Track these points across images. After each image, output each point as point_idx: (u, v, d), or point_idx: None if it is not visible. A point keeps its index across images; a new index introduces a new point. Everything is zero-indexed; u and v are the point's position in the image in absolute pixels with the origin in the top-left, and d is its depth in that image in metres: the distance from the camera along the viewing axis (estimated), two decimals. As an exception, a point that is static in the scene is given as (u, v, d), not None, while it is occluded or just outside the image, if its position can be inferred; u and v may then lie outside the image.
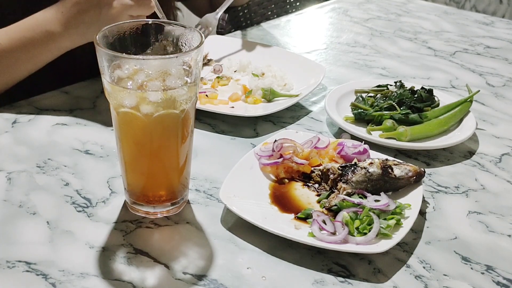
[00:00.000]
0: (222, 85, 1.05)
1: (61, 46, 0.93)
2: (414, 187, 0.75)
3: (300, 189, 0.76)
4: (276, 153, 0.79)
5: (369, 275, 0.63)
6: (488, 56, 1.33)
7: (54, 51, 0.93)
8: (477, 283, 0.63)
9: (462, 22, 1.58)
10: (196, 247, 0.66)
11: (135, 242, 0.66)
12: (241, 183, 0.74)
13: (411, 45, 1.38)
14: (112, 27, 0.66)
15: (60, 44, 0.92)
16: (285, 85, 1.04)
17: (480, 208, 0.77)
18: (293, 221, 0.69)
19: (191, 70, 0.65)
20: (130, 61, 0.65)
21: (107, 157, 0.82)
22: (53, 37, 0.91)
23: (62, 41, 0.92)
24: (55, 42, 0.92)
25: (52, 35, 0.91)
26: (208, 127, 0.92)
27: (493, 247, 0.70)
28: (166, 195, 0.70)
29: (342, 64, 1.24)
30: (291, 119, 0.97)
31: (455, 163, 0.87)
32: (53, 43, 0.92)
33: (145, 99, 0.63)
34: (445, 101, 0.99)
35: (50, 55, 0.94)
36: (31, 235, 0.66)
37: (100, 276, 0.61)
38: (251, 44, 1.21)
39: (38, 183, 0.75)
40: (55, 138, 0.86)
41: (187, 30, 0.68)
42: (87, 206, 0.72)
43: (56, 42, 0.92)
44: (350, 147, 0.81)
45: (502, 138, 0.96)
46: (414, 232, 0.71)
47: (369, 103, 0.97)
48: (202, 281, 0.61)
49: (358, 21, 1.55)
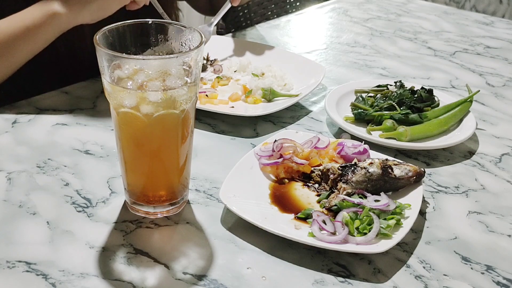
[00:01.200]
0: (222, 85, 1.05)
1: (61, 22, 0.92)
2: (414, 187, 0.75)
3: (300, 189, 0.76)
4: (276, 153, 0.79)
5: (369, 275, 0.63)
6: (488, 56, 1.33)
7: (54, 28, 0.92)
8: (477, 283, 0.63)
9: (462, 22, 1.58)
10: (196, 247, 0.66)
11: (135, 242, 0.66)
12: (241, 183, 0.74)
13: (411, 45, 1.38)
14: (112, 27, 0.66)
15: (59, 20, 0.92)
16: (285, 85, 1.04)
17: (480, 208, 0.77)
18: (293, 221, 0.69)
19: (191, 70, 0.65)
20: (130, 61, 0.65)
21: (107, 157, 0.82)
22: (51, 12, 0.91)
23: (61, 16, 0.91)
24: (54, 19, 0.91)
25: (50, 10, 0.91)
26: (208, 127, 0.92)
27: (493, 247, 0.70)
28: (166, 195, 0.70)
29: (342, 64, 1.24)
30: (291, 119, 0.97)
31: (455, 163, 0.87)
32: (52, 20, 0.91)
33: (145, 99, 0.63)
34: (445, 101, 0.99)
35: (51, 33, 0.93)
36: (31, 235, 0.66)
37: (100, 276, 0.61)
38: (251, 44, 1.21)
39: (38, 183, 0.75)
40: (55, 138, 0.86)
41: (187, 30, 0.68)
42: (87, 206, 0.72)
43: (55, 18, 0.91)
44: (350, 147, 0.81)
45: (502, 138, 0.96)
46: (414, 232, 0.71)
47: (369, 103, 0.97)
48: (202, 281, 0.61)
49: (358, 21, 1.55)
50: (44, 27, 0.91)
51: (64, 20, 0.92)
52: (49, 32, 0.93)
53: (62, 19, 0.92)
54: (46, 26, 0.91)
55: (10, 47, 0.91)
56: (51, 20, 0.91)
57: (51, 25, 0.92)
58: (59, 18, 0.91)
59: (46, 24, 0.91)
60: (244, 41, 1.26)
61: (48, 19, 0.91)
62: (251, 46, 1.20)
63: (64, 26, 0.93)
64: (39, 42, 0.93)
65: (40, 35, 0.92)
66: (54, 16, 0.91)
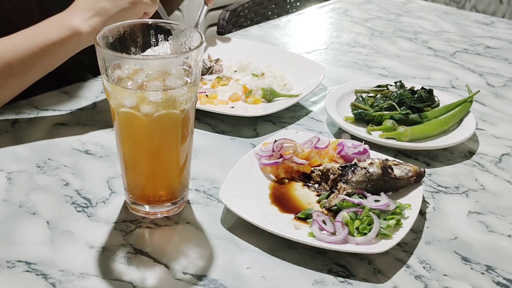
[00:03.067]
0: (222, 85, 1.05)
1: (81, 40, 0.86)
2: (414, 187, 0.75)
3: (300, 189, 0.76)
4: (276, 153, 0.79)
5: (369, 275, 0.63)
6: (488, 56, 1.33)
7: (74, 46, 0.87)
8: (477, 283, 0.63)
9: (462, 22, 1.58)
10: (196, 247, 0.66)
11: (135, 242, 0.66)
12: (241, 183, 0.74)
13: (411, 45, 1.38)
14: (112, 27, 0.66)
15: (80, 38, 0.86)
16: (285, 85, 1.04)
17: (480, 208, 0.77)
18: (293, 221, 0.69)
19: (191, 70, 0.65)
20: (130, 61, 0.65)
21: (107, 157, 0.82)
22: (72, 30, 0.85)
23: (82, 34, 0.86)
24: (74, 37, 0.86)
25: (71, 27, 0.85)
26: (208, 127, 0.92)
27: (493, 247, 0.70)
28: (166, 195, 0.70)
29: (342, 64, 1.24)
30: (291, 119, 0.97)
31: (455, 163, 0.87)
32: (73, 37, 0.86)
33: (145, 99, 0.63)
34: (445, 101, 0.99)
35: (69, 51, 0.88)
36: (31, 235, 0.66)
37: (100, 276, 0.61)
38: (251, 44, 1.21)
39: (38, 183, 0.75)
40: (55, 138, 0.86)
41: (187, 30, 0.68)
42: (87, 206, 0.72)
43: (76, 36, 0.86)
44: (350, 147, 0.81)
45: (502, 138, 0.96)
46: (414, 232, 0.71)
47: (369, 103, 0.97)
48: (202, 281, 0.61)
49: (358, 21, 1.55)
50: (64, 45, 0.86)
51: (85, 38, 0.86)
52: (67, 50, 0.88)
53: (82, 37, 0.86)
54: (66, 44, 0.86)
55: (25, 64, 0.85)
56: (72, 38, 0.86)
57: (71, 43, 0.86)
58: (80, 36, 0.86)
59: (65, 42, 0.86)
60: (244, 41, 1.26)
61: (69, 36, 0.85)
62: (251, 46, 1.20)
63: (84, 44, 0.88)
64: (56, 60, 0.88)
65: (59, 53, 0.87)
66: (74, 34, 0.85)
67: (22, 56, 0.84)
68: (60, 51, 0.87)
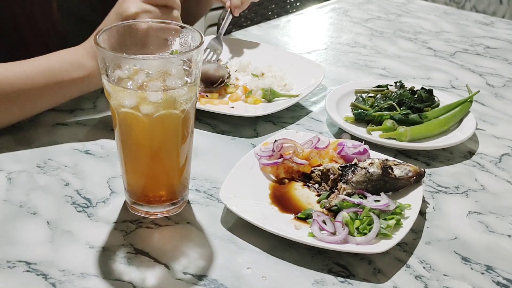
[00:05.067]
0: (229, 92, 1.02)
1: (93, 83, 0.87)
2: (414, 187, 0.75)
3: (300, 189, 0.76)
4: (276, 153, 0.79)
5: (369, 275, 0.63)
6: (488, 57, 1.34)
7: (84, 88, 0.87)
8: (477, 283, 0.63)
9: (462, 22, 1.58)
10: (196, 247, 0.66)
11: (135, 242, 0.66)
12: (241, 183, 0.74)
13: (411, 46, 1.38)
14: (112, 27, 0.66)
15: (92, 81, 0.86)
16: (285, 85, 1.04)
17: (480, 208, 0.77)
18: (293, 221, 0.69)
19: (191, 70, 0.65)
20: (130, 61, 0.65)
21: (107, 157, 0.82)
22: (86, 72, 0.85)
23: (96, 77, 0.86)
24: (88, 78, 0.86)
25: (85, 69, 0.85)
26: (208, 127, 0.92)
27: (493, 247, 0.70)
28: (166, 195, 0.70)
29: (342, 65, 1.24)
30: (291, 119, 0.97)
31: (455, 163, 0.87)
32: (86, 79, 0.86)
33: (145, 99, 0.63)
34: (445, 101, 0.99)
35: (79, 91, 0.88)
36: (31, 235, 0.66)
37: (100, 276, 0.61)
38: (251, 44, 1.21)
39: (38, 183, 0.75)
40: (55, 138, 0.86)
41: (187, 30, 0.68)
42: (87, 206, 0.72)
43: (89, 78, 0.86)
44: (350, 147, 0.81)
45: (502, 138, 0.96)
46: (414, 232, 0.71)
47: (369, 103, 0.97)
48: (202, 281, 0.61)
49: (358, 21, 1.55)
50: (75, 85, 0.86)
51: (97, 82, 0.86)
52: (78, 91, 0.87)
53: (95, 80, 0.86)
54: (78, 84, 0.86)
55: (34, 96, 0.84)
56: (85, 79, 0.86)
57: (83, 85, 0.87)
58: (93, 79, 0.86)
59: (78, 83, 0.86)
60: (244, 41, 1.26)
61: (82, 78, 0.85)
62: (251, 46, 1.20)
63: (95, 87, 0.88)
64: (66, 97, 0.88)
65: (70, 91, 0.87)
66: (88, 76, 0.85)
67: (31, 86, 0.83)
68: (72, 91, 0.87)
